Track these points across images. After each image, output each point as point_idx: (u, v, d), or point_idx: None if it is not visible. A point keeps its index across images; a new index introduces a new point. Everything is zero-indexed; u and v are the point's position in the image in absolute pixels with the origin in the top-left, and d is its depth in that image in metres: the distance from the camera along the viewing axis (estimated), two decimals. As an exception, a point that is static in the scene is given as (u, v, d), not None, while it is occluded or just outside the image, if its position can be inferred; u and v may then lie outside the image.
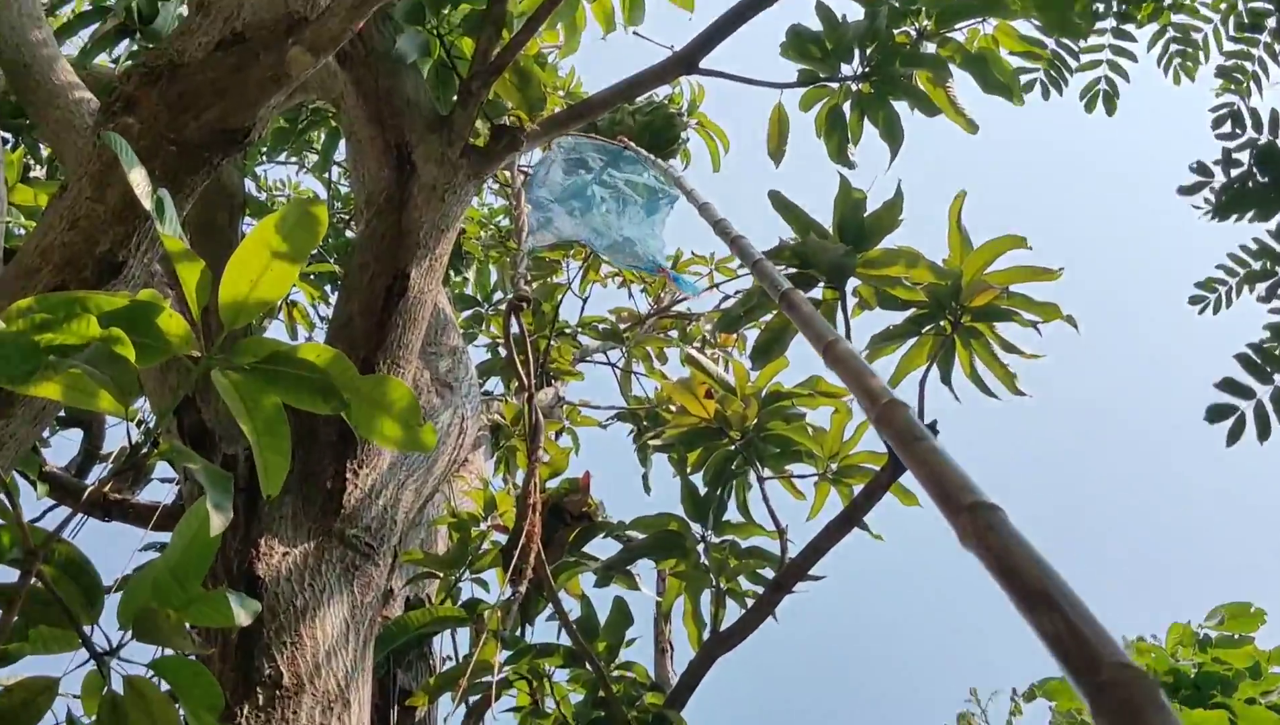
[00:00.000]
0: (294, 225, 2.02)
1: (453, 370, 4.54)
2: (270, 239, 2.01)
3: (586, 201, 5.51)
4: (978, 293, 3.96)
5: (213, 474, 1.92)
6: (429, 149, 4.04)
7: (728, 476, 4.56)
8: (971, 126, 4.67)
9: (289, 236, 2.02)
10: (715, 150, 8.62)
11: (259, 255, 2.02)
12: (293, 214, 2.03)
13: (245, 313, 2.08)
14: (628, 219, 5.78)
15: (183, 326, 2.02)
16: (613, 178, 6.03)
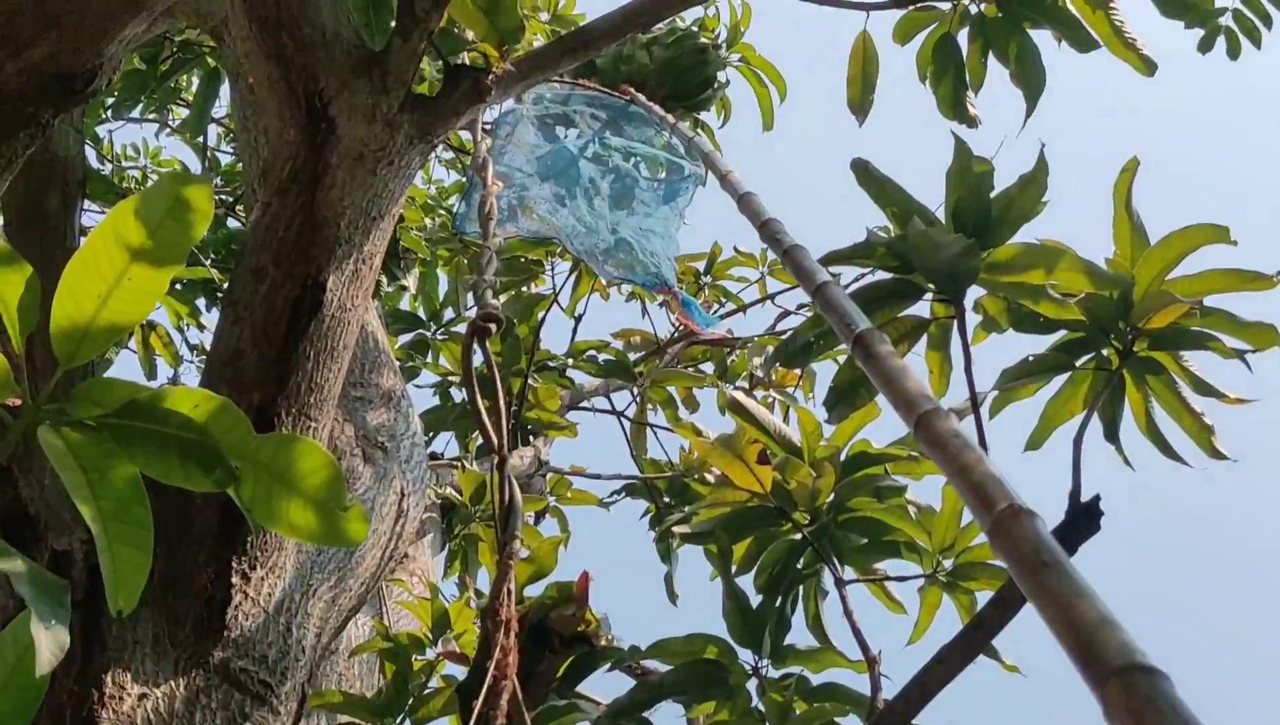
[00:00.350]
0: (164, 214, 2.02)
1: (387, 424, 4.53)
2: (127, 234, 2.01)
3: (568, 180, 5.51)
4: (1158, 308, 3.93)
5: (41, 581, 1.91)
6: (354, 99, 4.04)
7: (792, 579, 4.54)
8: (1147, 65, 4.66)
9: (156, 231, 2.02)
10: (766, 99, 8.64)
11: (111, 258, 2.02)
12: (161, 196, 2.02)
13: (90, 343, 2.08)
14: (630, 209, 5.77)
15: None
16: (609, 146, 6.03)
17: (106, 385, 2.10)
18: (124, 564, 2.08)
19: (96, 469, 2.06)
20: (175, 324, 9.62)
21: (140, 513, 2.09)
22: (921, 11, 4.86)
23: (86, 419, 2.08)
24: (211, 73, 8.75)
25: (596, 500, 9.22)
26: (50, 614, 1.85)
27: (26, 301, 2.03)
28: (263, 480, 2.12)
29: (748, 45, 8.48)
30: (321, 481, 2.11)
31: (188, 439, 2.11)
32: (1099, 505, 3.45)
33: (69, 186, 4.21)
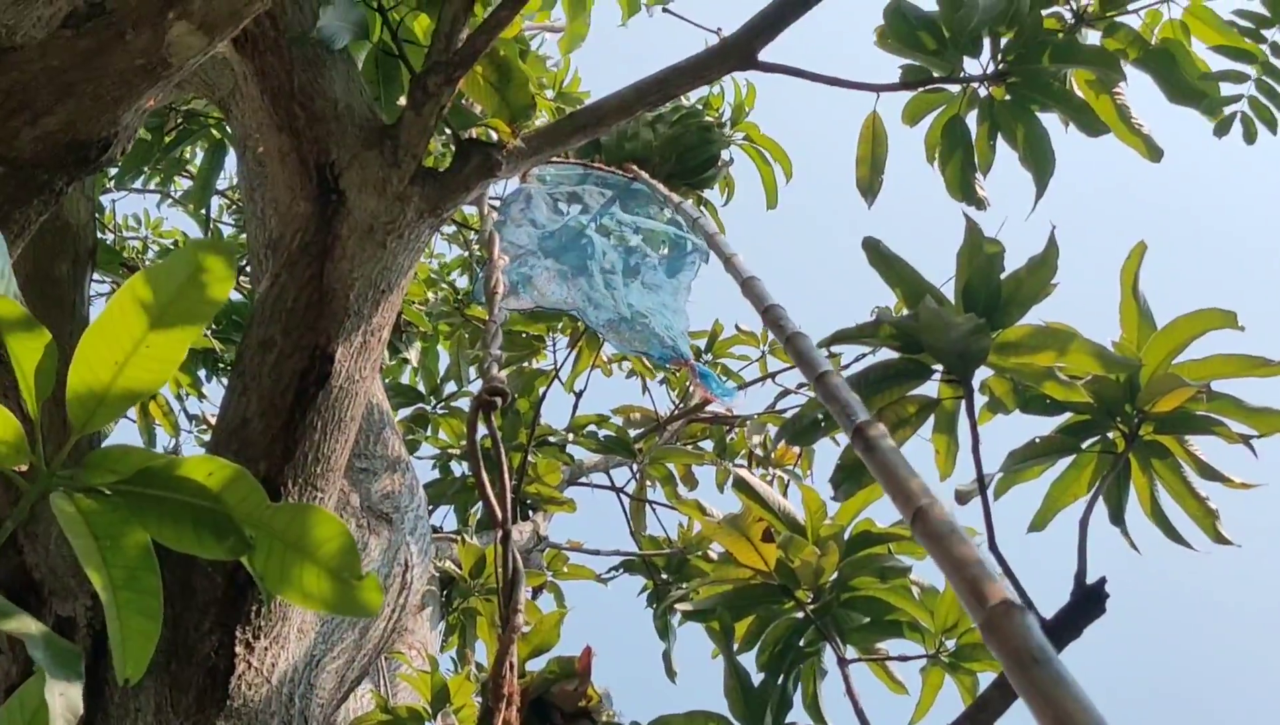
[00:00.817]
0: (183, 281, 2.02)
1: (392, 494, 4.52)
2: (146, 302, 2.01)
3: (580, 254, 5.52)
4: (1165, 392, 3.93)
5: (55, 646, 1.90)
6: (365, 172, 4.06)
7: (794, 658, 4.51)
8: (1153, 151, 4.69)
9: (175, 298, 2.02)
10: (770, 178, 8.66)
11: (129, 326, 2.01)
12: (181, 264, 2.02)
13: (106, 409, 2.08)
14: (639, 283, 5.78)
15: (13, 428, 2.01)
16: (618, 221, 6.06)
17: (121, 453, 2.09)
18: (133, 633, 2.06)
19: (108, 536, 2.05)
20: (175, 393, 9.61)
21: (151, 581, 2.08)
22: (930, 94, 4.88)
23: (100, 486, 2.07)
24: (216, 145, 8.75)
25: (594, 575, 9.18)
26: (63, 678, 1.84)
27: (44, 367, 2.03)
28: (276, 549, 2.11)
29: (752, 124, 8.50)
30: (335, 549, 2.10)
31: (201, 507, 2.10)
32: (1104, 588, 3.44)
33: (79, 255, 4.21)
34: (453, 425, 9.90)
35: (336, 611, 2.15)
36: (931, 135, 4.93)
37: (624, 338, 5.58)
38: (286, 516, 2.11)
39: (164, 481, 2.08)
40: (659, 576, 9.07)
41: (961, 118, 4.87)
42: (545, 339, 9.49)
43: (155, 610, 2.08)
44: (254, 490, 2.10)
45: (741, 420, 10.36)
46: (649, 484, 9.96)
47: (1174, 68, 4.67)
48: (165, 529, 2.11)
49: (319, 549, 2.11)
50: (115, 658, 2.06)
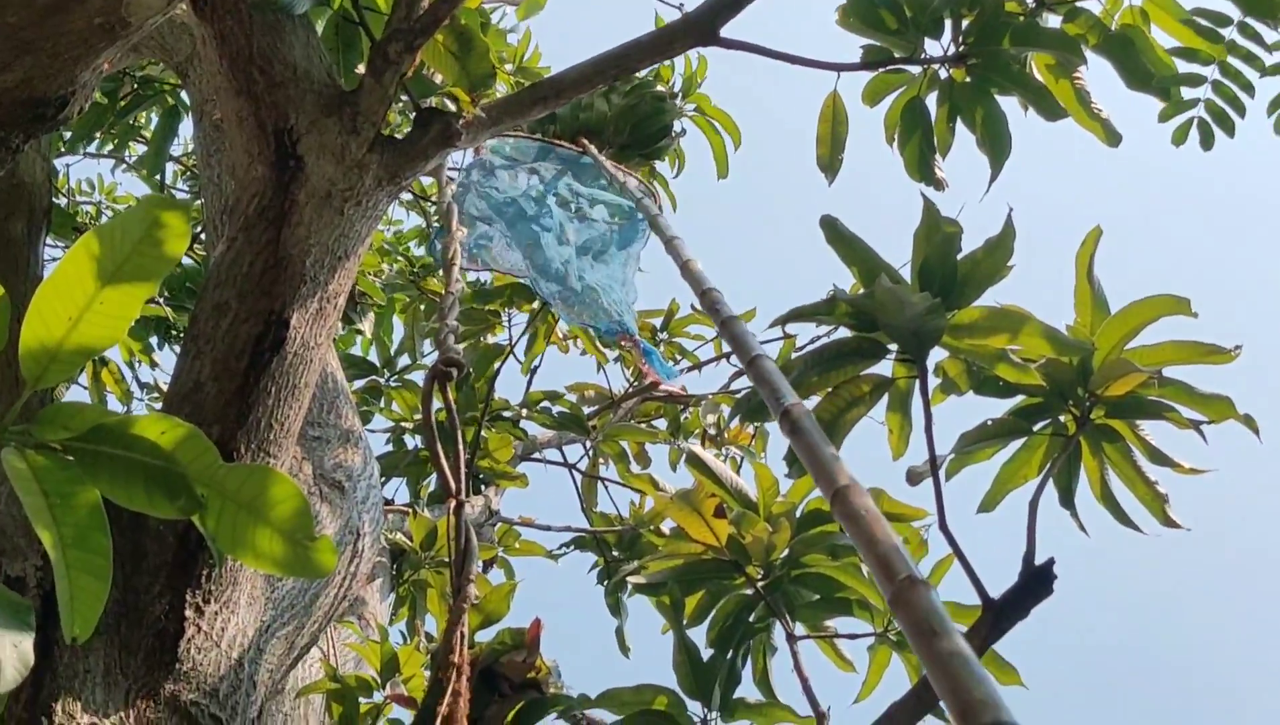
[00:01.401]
0: (139, 238, 2.01)
1: (344, 464, 4.51)
2: (100, 258, 2.00)
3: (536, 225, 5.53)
4: (1117, 376, 3.95)
5: (6, 599, 1.89)
6: (324, 138, 4.04)
7: (744, 633, 4.53)
8: (1111, 136, 4.70)
9: (130, 255, 2.01)
10: (721, 148, 8.70)
11: (83, 282, 2.01)
12: (136, 220, 2.01)
13: (59, 366, 2.07)
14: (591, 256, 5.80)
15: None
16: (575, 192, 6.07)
17: (74, 409, 2.08)
18: (82, 592, 2.05)
19: (59, 494, 2.04)
20: (127, 360, 9.55)
21: (100, 541, 2.07)
22: (891, 74, 4.89)
23: (52, 442, 2.06)
24: (170, 110, 8.69)
25: (545, 551, 9.17)
26: (15, 631, 1.84)
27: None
28: (229, 509, 2.11)
29: (703, 95, 8.53)
30: (290, 512, 2.10)
31: (154, 465, 2.09)
32: (1052, 569, 3.46)
33: (34, 214, 4.18)
34: (406, 398, 9.88)
35: (289, 573, 2.15)
36: (891, 116, 4.93)
37: (573, 310, 5.60)
38: (240, 477, 2.11)
39: (117, 439, 2.07)
40: (610, 553, 9.08)
41: (921, 99, 4.87)
42: (501, 315, 9.46)
43: (104, 570, 2.07)
44: (207, 450, 2.10)
45: (695, 399, 10.37)
46: (602, 461, 9.97)
47: (1133, 54, 4.68)
48: (117, 487, 2.10)
49: (272, 510, 2.10)
50: (63, 616, 2.05)
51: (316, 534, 2.14)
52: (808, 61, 4.70)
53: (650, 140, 8.03)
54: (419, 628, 7.72)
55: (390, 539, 7.37)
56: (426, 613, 7.59)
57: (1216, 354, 4.00)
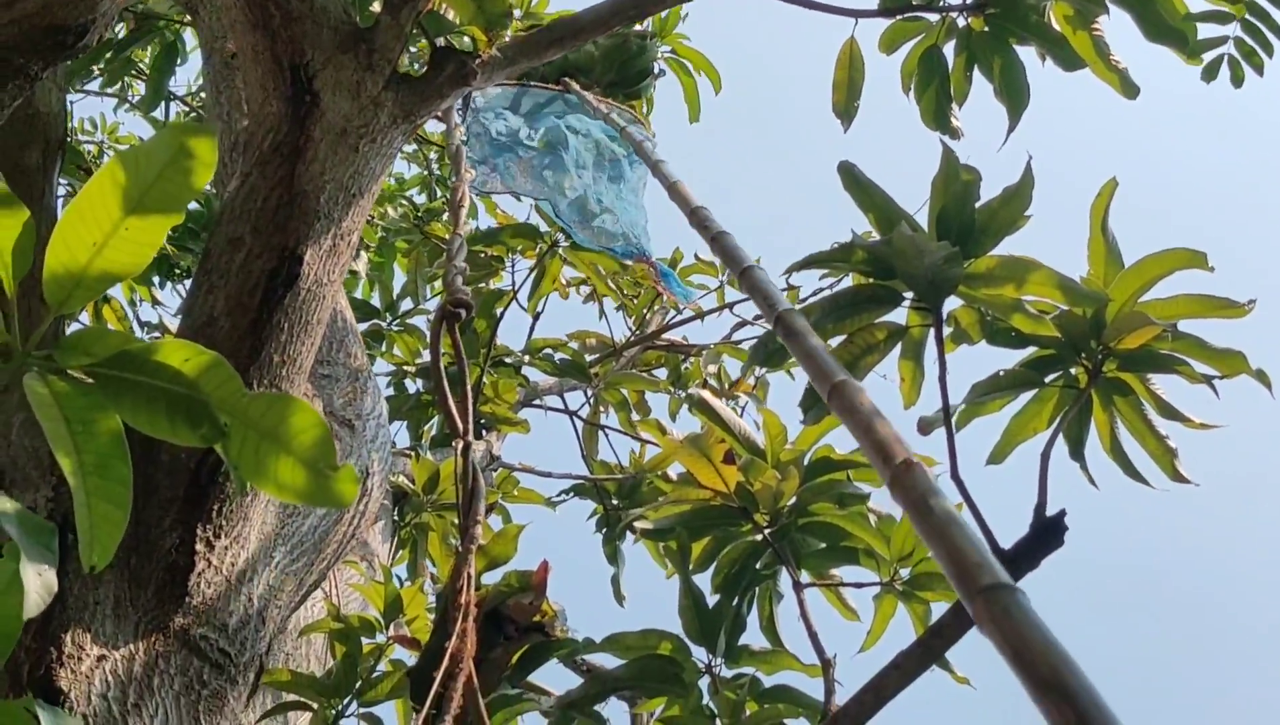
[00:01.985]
0: (165, 163, 2.00)
1: (354, 402, 4.51)
2: (126, 184, 1.99)
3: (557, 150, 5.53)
4: (1130, 330, 3.94)
5: (30, 523, 1.88)
6: (339, 74, 4.03)
7: (750, 580, 4.53)
8: (1128, 88, 4.69)
9: (156, 181, 2.00)
10: (693, 91, 8.69)
11: (108, 208, 2.00)
12: (162, 146, 2.00)
13: (82, 291, 2.06)
14: (606, 177, 5.83)
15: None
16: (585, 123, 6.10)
17: (97, 335, 2.07)
18: (102, 520, 2.05)
19: (81, 420, 2.03)
20: (129, 300, 9.55)
21: (121, 469, 2.06)
22: (909, 22, 4.87)
23: (74, 368, 2.05)
24: (169, 46, 8.67)
25: (543, 499, 9.18)
26: (39, 556, 1.83)
27: (21, 245, 2.01)
28: (250, 438, 2.10)
29: (679, 36, 8.52)
30: (312, 440, 2.09)
31: (177, 393, 2.08)
32: (1064, 520, 3.45)
33: (49, 144, 4.17)
34: (408, 342, 9.89)
35: (311, 502, 2.14)
36: (908, 64, 4.92)
37: (592, 232, 5.59)
38: (262, 405, 2.10)
39: (140, 366, 2.06)
40: (609, 502, 9.08)
41: (939, 47, 4.86)
42: (505, 260, 9.44)
43: (124, 499, 2.07)
44: (230, 378, 2.09)
45: (697, 349, 10.37)
46: (603, 409, 9.97)
47: (1151, 5, 4.66)
48: (139, 414, 2.09)
49: (294, 439, 2.09)
50: (82, 544, 2.04)
51: (339, 463, 2.13)
52: (826, 7, 4.70)
53: (635, 79, 8.07)
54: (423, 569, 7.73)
55: (393, 482, 7.37)
56: (428, 556, 7.61)
57: (1230, 308, 3.99)
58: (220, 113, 5.94)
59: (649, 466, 8.87)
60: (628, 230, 5.58)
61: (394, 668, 4.83)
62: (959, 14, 4.75)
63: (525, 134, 5.87)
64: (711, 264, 10.68)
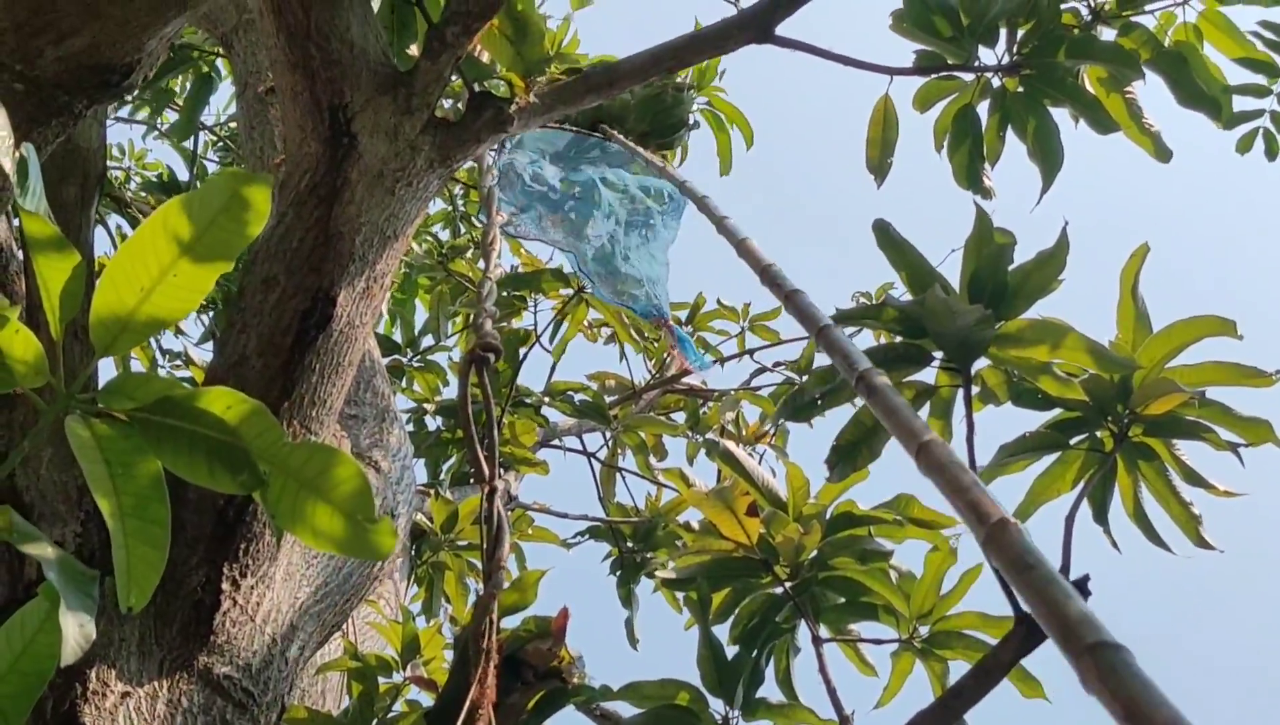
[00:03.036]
0: (218, 211, 2.00)
1: (380, 442, 4.51)
2: (179, 228, 1.99)
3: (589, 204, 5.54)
4: (1158, 396, 3.94)
5: (71, 570, 1.89)
6: (378, 117, 4.04)
7: (770, 632, 4.52)
8: (1162, 152, 4.70)
9: (208, 228, 2.00)
10: (727, 145, 8.70)
11: (158, 252, 2.00)
12: (217, 193, 2.01)
13: (129, 335, 2.07)
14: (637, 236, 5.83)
15: (34, 349, 1.99)
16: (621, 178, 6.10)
17: (141, 380, 2.08)
18: (139, 561, 2.06)
19: (121, 463, 2.04)
20: (155, 333, 9.56)
21: (159, 511, 2.07)
22: (943, 81, 4.88)
23: (119, 412, 2.06)
24: (204, 77, 8.73)
25: (558, 539, 9.18)
26: (80, 604, 1.84)
27: (70, 289, 2.02)
28: (290, 486, 2.10)
29: (715, 89, 8.53)
30: (351, 491, 2.09)
31: (218, 440, 2.09)
32: (1087, 585, 3.44)
33: (88, 179, 4.18)
34: (428, 380, 9.91)
35: (348, 552, 2.14)
36: (942, 122, 4.93)
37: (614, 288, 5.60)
38: (303, 455, 2.11)
39: (182, 412, 2.07)
40: (625, 544, 9.07)
41: (973, 107, 4.87)
42: (527, 300, 9.46)
43: (162, 540, 2.07)
44: (271, 427, 2.10)
45: (717, 394, 10.38)
46: (620, 452, 9.97)
47: (1185, 70, 4.68)
48: (180, 460, 2.10)
49: (334, 489, 2.10)
50: (119, 585, 2.05)
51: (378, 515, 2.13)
52: (861, 64, 4.70)
53: (669, 130, 8.07)
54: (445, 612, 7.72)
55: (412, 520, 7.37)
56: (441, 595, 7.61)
57: (1258, 377, 3.99)
58: (253, 147, 5.97)
59: (665, 510, 8.89)
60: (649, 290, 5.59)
61: (410, 708, 4.83)
62: (994, 74, 4.75)
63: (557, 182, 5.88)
64: (733, 309, 10.70)
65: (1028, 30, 4.64)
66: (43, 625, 1.97)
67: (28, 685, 2.03)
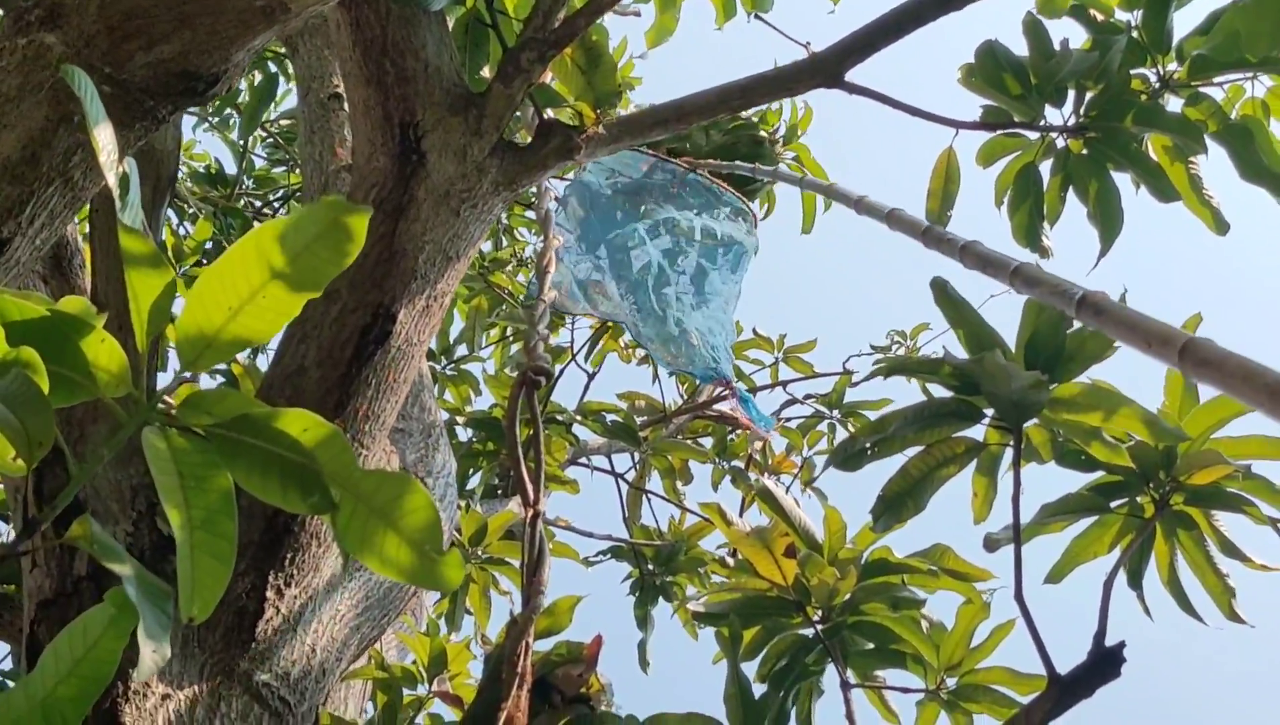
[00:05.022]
0: (313, 238, 2.01)
1: (425, 458, 4.51)
2: (271, 252, 2.00)
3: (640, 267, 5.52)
4: (1202, 466, 3.95)
5: (149, 586, 1.90)
6: (448, 136, 4.06)
7: (799, 674, 4.51)
8: (1220, 225, 4.70)
9: (302, 254, 2.01)
10: (810, 202, 8.67)
11: (250, 274, 2.01)
12: (314, 220, 2.02)
13: (213, 352, 2.08)
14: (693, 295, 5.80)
15: (119, 359, 2.01)
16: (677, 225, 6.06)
17: (219, 396, 2.09)
18: (204, 573, 2.06)
19: (194, 477, 2.05)
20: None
21: (227, 525, 2.07)
22: (1008, 138, 4.88)
23: (198, 426, 2.07)
24: (269, 78, 8.75)
25: (577, 555, 9.17)
26: (155, 622, 1.84)
27: (160, 304, 2.03)
28: (360, 512, 2.10)
29: (803, 146, 8.52)
30: (421, 522, 2.09)
31: (292, 460, 2.09)
32: (1122, 651, 3.45)
33: (160, 180, 4.20)
34: (460, 390, 9.91)
35: (414, 582, 2.15)
36: (1004, 179, 4.93)
37: (670, 354, 5.59)
38: (375, 482, 2.11)
39: (259, 431, 2.08)
40: (646, 567, 9.07)
41: (1036, 165, 4.87)
42: (564, 318, 9.48)
43: (228, 554, 2.08)
44: (345, 451, 2.10)
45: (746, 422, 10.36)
46: (649, 472, 9.97)
47: (1250, 145, 4.67)
48: (253, 477, 2.10)
49: (404, 518, 2.10)
50: (182, 596, 2.05)
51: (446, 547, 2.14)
52: (929, 115, 4.70)
53: (743, 181, 8.02)
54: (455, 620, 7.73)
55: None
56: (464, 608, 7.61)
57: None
58: (313, 152, 5.98)
59: (688, 535, 8.89)
60: (708, 354, 5.58)
61: (432, 722, 4.84)
62: (1059, 135, 4.76)
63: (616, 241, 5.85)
64: (768, 339, 10.71)
65: (1096, 93, 4.65)
66: (106, 630, 1.97)
67: (86, 689, 2.03)
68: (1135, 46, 4.61)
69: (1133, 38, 4.61)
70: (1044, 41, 4.62)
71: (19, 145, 2.81)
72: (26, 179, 2.82)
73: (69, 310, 1.99)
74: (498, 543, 7.04)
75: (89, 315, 2.00)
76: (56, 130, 2.83)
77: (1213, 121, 4.66)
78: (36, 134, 2.83)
